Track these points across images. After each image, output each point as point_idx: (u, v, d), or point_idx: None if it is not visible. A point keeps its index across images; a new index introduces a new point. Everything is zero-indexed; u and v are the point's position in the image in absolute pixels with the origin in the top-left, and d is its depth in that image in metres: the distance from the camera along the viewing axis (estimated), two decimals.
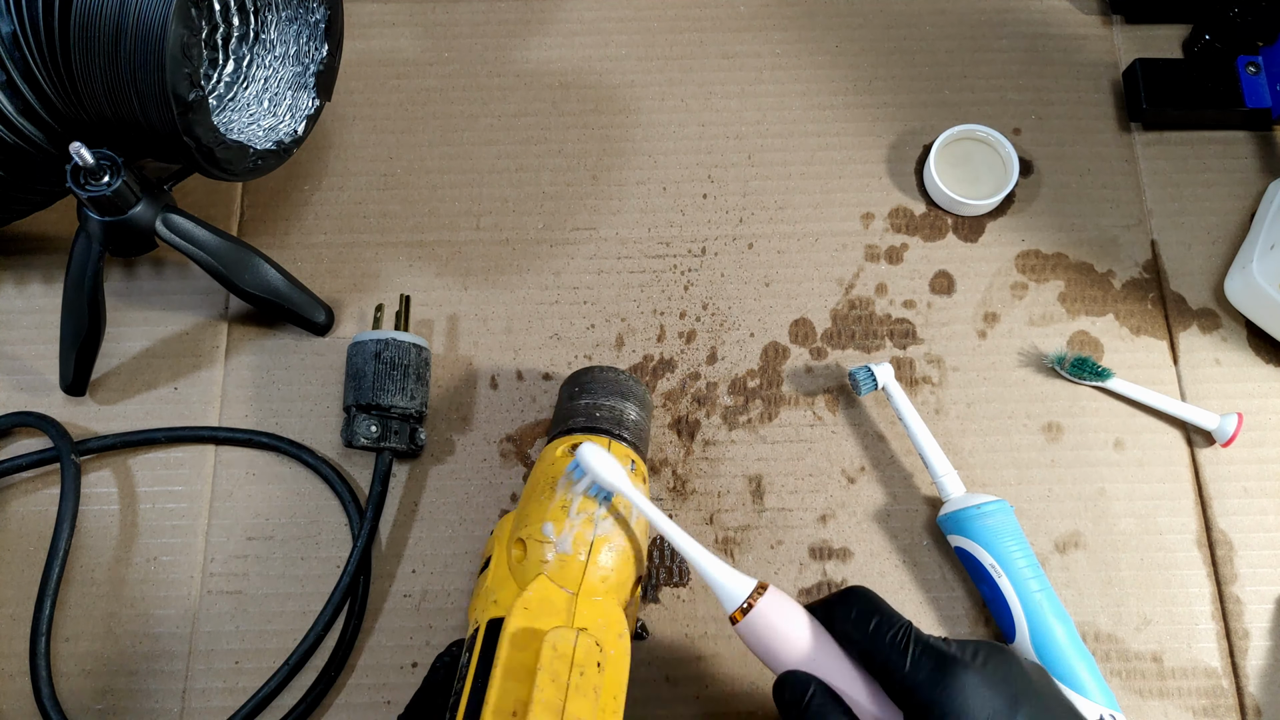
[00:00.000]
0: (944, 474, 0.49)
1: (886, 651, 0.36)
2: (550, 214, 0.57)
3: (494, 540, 0.44)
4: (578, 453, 0.41)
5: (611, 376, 0.47)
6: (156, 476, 0.52)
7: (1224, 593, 0.50)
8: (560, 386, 0.49)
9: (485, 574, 0.43)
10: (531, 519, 0.42)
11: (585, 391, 0.47)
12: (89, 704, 0.48)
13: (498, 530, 0.44)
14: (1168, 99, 0.57)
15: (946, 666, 0.35)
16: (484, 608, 0.40)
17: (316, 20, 0.51)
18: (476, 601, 0.42)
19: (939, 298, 0.55)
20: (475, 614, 0.41)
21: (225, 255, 0.50)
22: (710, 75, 0.60)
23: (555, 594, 0.40)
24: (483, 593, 0.42)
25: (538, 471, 0.44)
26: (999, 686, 0.35)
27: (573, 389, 0.47)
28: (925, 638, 0.36)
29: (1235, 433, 0.51)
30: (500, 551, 0.43)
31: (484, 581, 0.42)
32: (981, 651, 0.36)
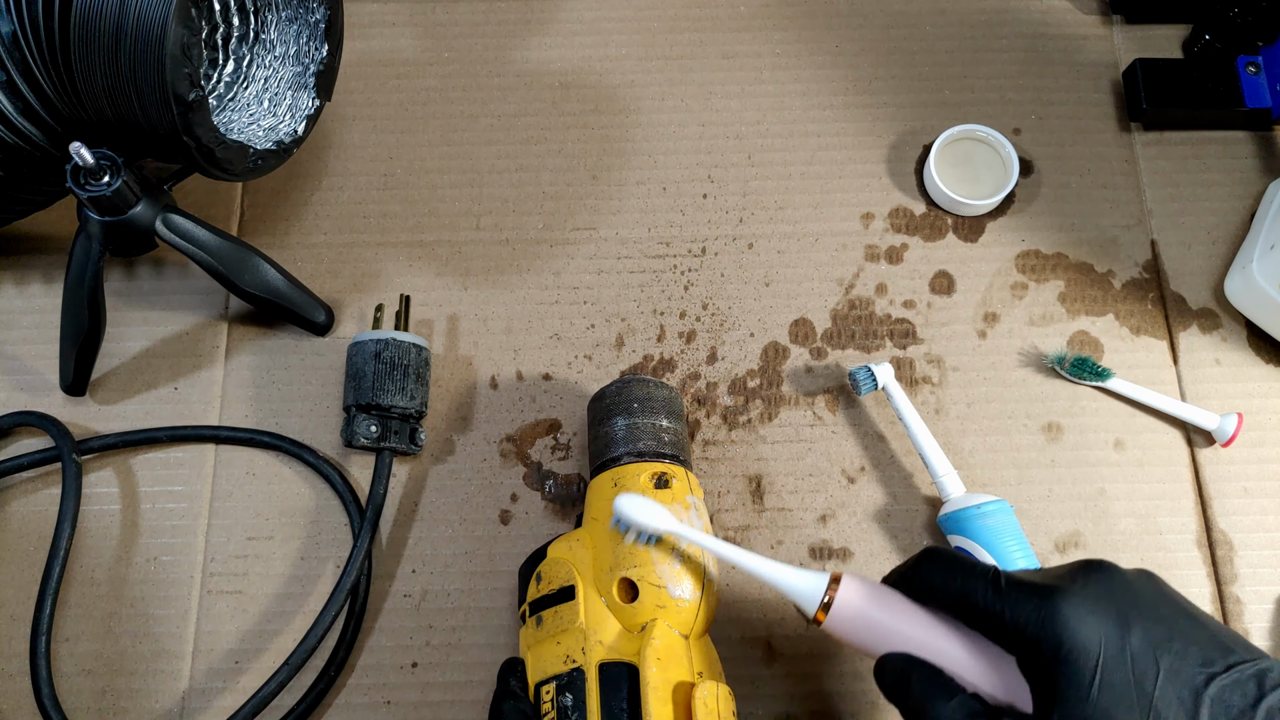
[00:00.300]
0: (944, 474, 0.49)
1: (981, 599, 0.35)
2: (550, 214, 0.57)
3: (566, 566, 0.42)
4: (615, 508, 0.40)
5: (640, 393, 0.46)
6: (157, 476, 0.52)
7: (1224, 593, 0.50)
8: (587, 408, 0.48)
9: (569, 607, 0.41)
10: (640, 560, 0.41)
11: (616, 413, 0.46)
12: (89, 704, 0.48)
13: (568, 556, 0.43)
14: (1168, 99, 0.57)
15: (1046, 598, 0.33)
16: (584, 646, 0.40)
17: (316, 20, 0.51)
18: (564, 637, 0.41)
19: (939, 298, 0.55)
20: (564, 648, 0.40)
21: (225, 255, 0.50)
22: (710, 75, 0.60)
23: (674, 640, 0.40)
24: (574, 630, 0.40)
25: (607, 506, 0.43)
26: (1105, 607, 0.33)
27: (600, 412, 0.47)
28: (1017, 576, 0.35)
29: (1235, 433, 0.51)
30: (589, 587, 0.42)
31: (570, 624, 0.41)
32: (1079, 574, 0.34)
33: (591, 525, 0.44)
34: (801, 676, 0.49)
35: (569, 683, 0.39)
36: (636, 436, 0.45)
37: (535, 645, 0.42)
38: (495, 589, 0.50)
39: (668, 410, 0.47)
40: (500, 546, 0.51)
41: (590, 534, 0.43)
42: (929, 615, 0.37)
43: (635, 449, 0.45)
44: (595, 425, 0.47)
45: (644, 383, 0.47)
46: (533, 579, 0.43)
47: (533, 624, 0.42)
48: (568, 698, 0.39)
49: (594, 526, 0.43)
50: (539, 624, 0.42)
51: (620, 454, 0.45)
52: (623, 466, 0.44)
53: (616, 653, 0.40)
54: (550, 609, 0.42)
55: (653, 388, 0.47)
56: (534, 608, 0.43)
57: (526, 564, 0.45)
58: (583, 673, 0.39)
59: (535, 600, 0.43)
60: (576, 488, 0.52)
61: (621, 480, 0.43)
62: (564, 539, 0.44)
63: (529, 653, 0.42)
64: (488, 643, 0.50)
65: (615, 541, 0.42)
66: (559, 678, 0.39)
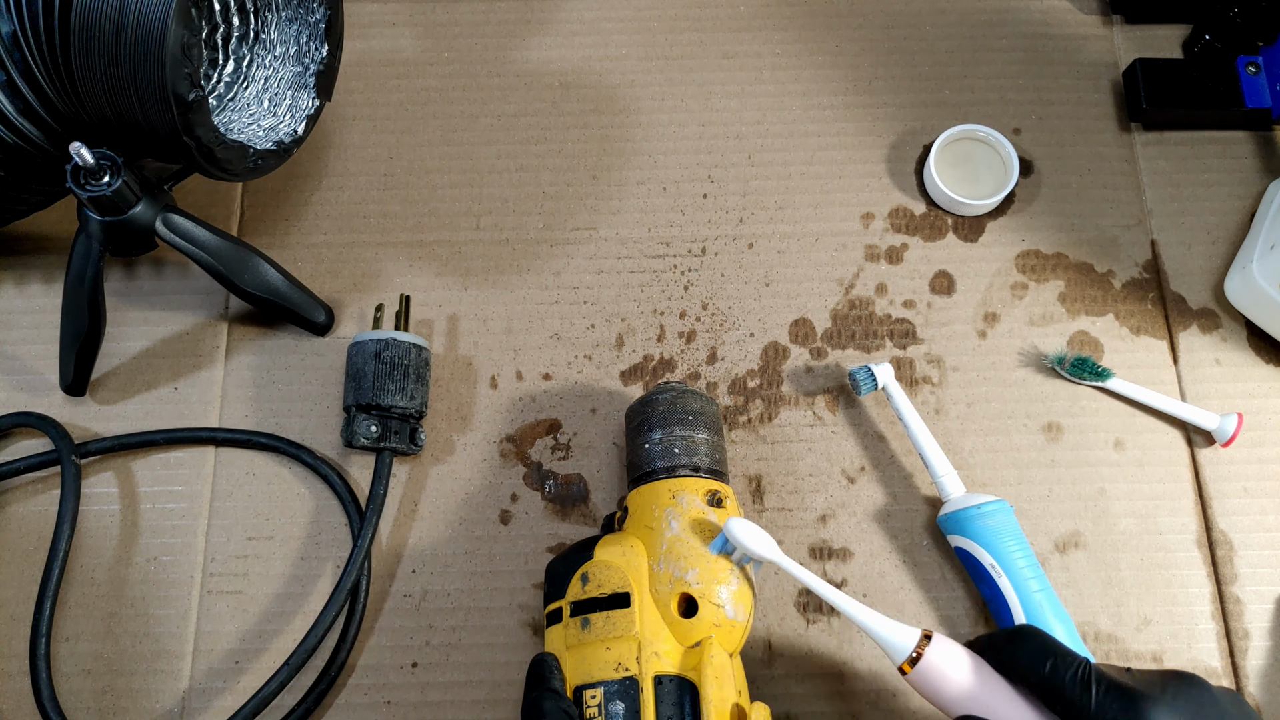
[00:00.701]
0: (944, 474, 0.49)
1: (1069, 690, 0.35)
2: (550, 214, 0.57)
3: (620, 572, 0.42)
4: (727, 529, 0.40)
5: (695, 406, 0.47)
6: (156, 477, 0.52)
7: (1224, 593, 0.50)
8: (635, 410, 0.48)
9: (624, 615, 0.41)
10: (703, 577, 0.41)
11: (673, 423, 0.46)
12: (89, 704, 0.48)
13: (620, 561, 0.42)
14: (1168, 99, 0.57)
15: (1135, 703, 0.34)
16: (638, 656, 0.40)
17: (316, 20, 0.51)
18: (615, 644, 0.40)
19: (939, 298, 0.55)
20: (616, 655, 0.40)
21: (225, 255, 0.50)
22: (710, 75, 0.60)
23: (725, 660, 0.40)
24: (628, 638, 0.40)
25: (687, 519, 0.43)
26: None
27: (654, 418, 0.46)
28: (1108, 674, 0.36)
29: (1235, 433, 0.51)
30: (646, 595, 0.41)
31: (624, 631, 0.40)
32: (1170, 685, 0.35)
33: (646, 534, 0.43)
34: (801, 676, 0.49)
35: (621, 691, 0.39)
36: (694, 450, 0.45)
37: (579, 647, 0.41)
38: (495, 589, 0.50)
39: (717, 427, 0.47)
40: (500, 546, 0.51)
41: (644, 542, 0.43)
42: (1011, 690, 0.38)
43: (692, 463, 0.45)
44: (647, 430, 0.46)
45: (697, 396, 0.47)
46: (576, 578, 0.42)
47: (575, 625, 0.41)
48: (619, 706, 0.39)
49: (648, 535, 0.43)
50: (585, 626, 0.41)
51: (677, 465, 0.45)
52: (681, 479, 0.44)
53: (671, 666, 0.40)
54: (600, 613, 0.41)
55: (705, 402, 0.47)
56: (579, 608, 0.42)
57: (561, 561, 0.44)
58: (636, 682, 0.39)
59: (582, 601, 0.42)
60: (576, 487, 0.52)
61: (679, 493, 0.43)
62: (612, 542, 0.43)
63: (568, 654, 0.41)
64: (488, 643, 0.50)
65: (677, 554, 0.42)
66: (608, 684, 0.39)
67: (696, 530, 0.42)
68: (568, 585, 0.43)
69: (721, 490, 0.44)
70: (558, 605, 0.43)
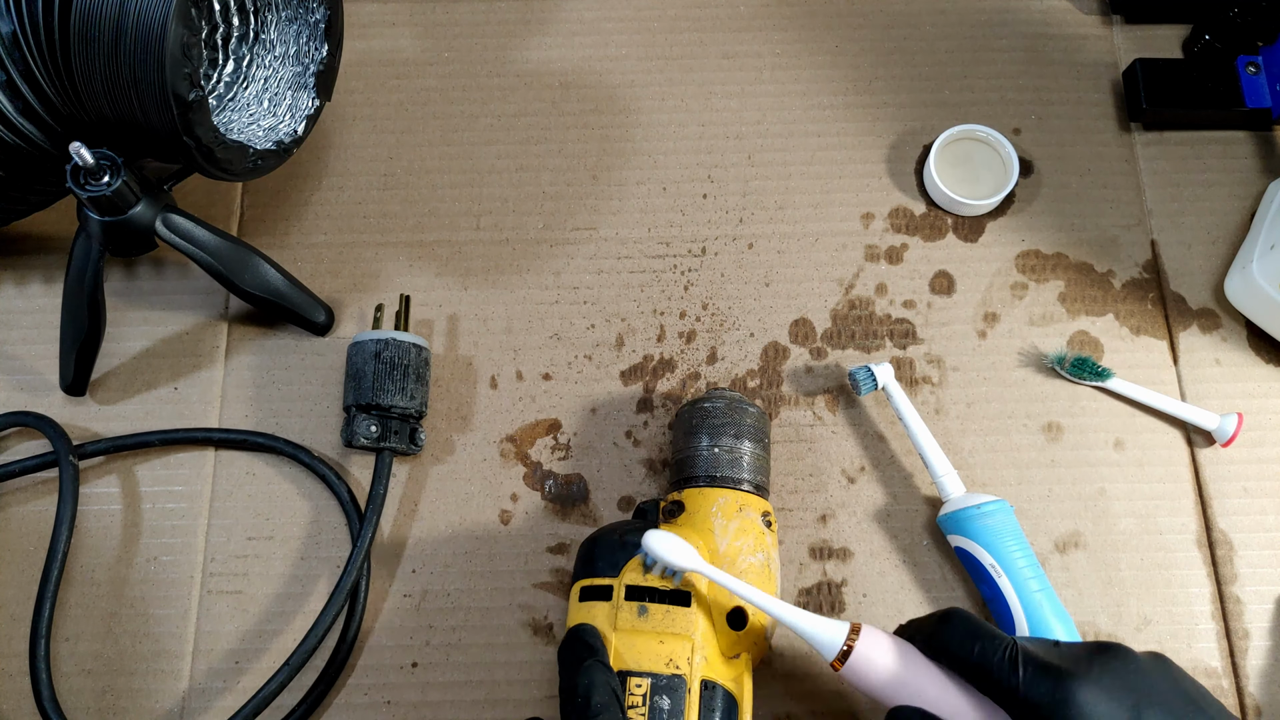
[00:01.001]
0: (944, 474, 0.49)
1: (997, 671, 0.36)
2: (550, 214, 0.57)
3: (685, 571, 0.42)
4: (645, 543, 0.41)
5: (764, 425, 0.48)
6: (156, 477, 0.52)
7: (1224, 593, 0.50)
8: (684, 413, 0.48)
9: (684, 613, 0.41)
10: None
11: (746, 436, 0.47)
12: (89, 704, 0.48)
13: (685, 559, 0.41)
14: (1168, 99, 0.57)
15: (1062, 681, 0.34)
16: (690, 657, 0.40)
17: (316, 20, 0.51)
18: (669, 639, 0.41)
19: (939, 298, 0.55)
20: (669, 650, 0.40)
21: (225, 255, 0.50)
22: (710, 75, 0.60)
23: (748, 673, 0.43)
24: (684, 637, 0.41)
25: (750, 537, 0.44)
26: (1119, 694, 0.34)
27: (727, 426, 0.47)
28: (1035, 653, 0.36)
29: (1235, 433, 0.51)
30: (705, 598, 0.42)
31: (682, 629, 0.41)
32: (1097, 660, 0.35)
33: (708, 538, 0.44)
34: (801, 676, 0.49)
35: (668, 687, 0.40)
36: (760, 468, 0.47)
37: (630, 633, 0.41)
38: (495, 589, 0.50)
39: (769, 446, 0.49)
40: (500, 546, 0.51)
41: (707, 545, 0.43)
42: (943, 674, 0.38)
43: (755, 480, 0.46)
44: (723, 435, 0.47)
45: (762, 415, 0.48)
46: (638, 560, 0.42)
47: (630, 609, 0.41)
48: (665, 700, 0.40)
49: (710, 539, 0.44)
50: (641, 614, 0.41)
51: (742, 479, 0.46)
52: (746, 494, 0.45)
53: (715, 673, 0.41)
54: (660, 604, 0.42)
55: (766, 420, 0.49)
56: (638, 594, 0.42)
57: (614, 536, 0.44)
58: (684, 682, 0.40)
59: (642, 588, 0.42)
60: (576, 487, 0.52)
61: (745, 507, 0.45)
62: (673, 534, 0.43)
63: (616, 635, 0.41)
64: (488, 643, 0.50)
65: (737, 565, 0.43)
66: (656, 678, 0.40)
67: (758, 549, 0.44)
68: (623, 565, 0.43)
69: (771, 513, 0.46)
70: (606, 583, 0.42)
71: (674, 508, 0.46)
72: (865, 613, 0.50)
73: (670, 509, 0.46)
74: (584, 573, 0.44)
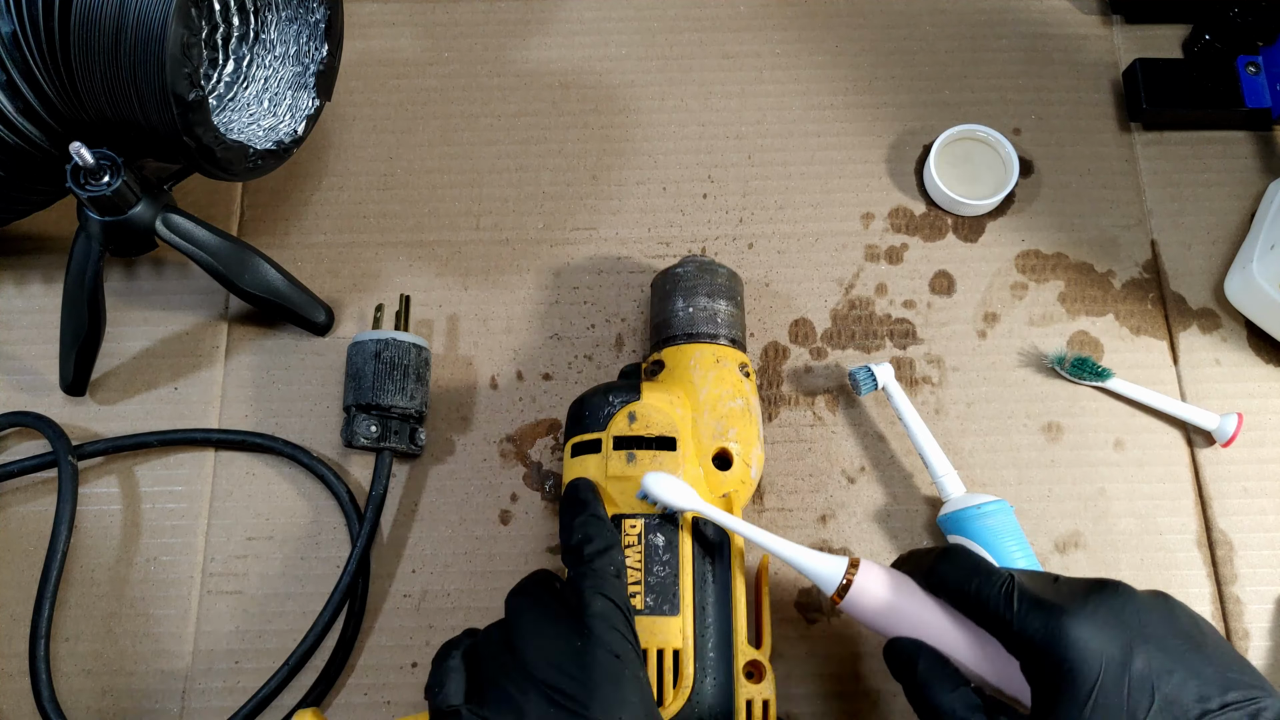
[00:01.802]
0: (944, 474, 0.49)
1: (993, 604, 0.36)
2: (550, 214, 0.57)
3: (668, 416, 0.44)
4: (644, 484, 0.42)
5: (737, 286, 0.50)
6: (156, 477, 0.52)
7: (1224, 593, 0.50)
8: (661, 281, 0.50)
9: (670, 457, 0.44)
10: (741, 437, 0.45)
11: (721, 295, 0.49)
12: (89, 704, 0.48)
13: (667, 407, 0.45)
14: (1168, 99, 0.57)
15: (1055, 615, 0.34)
16: None
17: (316, 20, 0.51)
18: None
19: (939, 298, 0.55)
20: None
21: (225, 255, 0.50)
22: (710, 75, 0.60)
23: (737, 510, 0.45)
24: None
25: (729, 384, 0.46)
26: (1112, 630, 0.34)
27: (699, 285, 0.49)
28: (1031, 588, 0.36)
29: (1235, 433, 0.51)
30: (689, 443, 0.44)
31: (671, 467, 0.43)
32: (1093, 595, 0.35)
33: (689, 388, 0.46)
34: (802, 676, 0.49)
35: (661, 525, 0.43)
36: (735, 324, 0.49)
37: (620, 479, 0.43)
38: (495, 589, 0.50)
39: (744, 304, 0.51)
40: (500, 546, 0.51)
41: (688, 396, 0.46)
42: (942, 607, 0.39)
43: (731, 334, 0.48)
44: (697, 295, 0.49)
45: (733, 275, 0.50)
46: (622, 415, 0.45)
47: (619, 457, 0.44)
48: (659, 538, 0.42)
49: (690, 389, 0.46)
50: (630, 460, 0.44)
51: (719, 333, 0.48)
52: (722, 347, 0.48)
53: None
54: (648, 451, 0.44)
55: (738, 281, 0.51)
56: (624, 443, 0.44)
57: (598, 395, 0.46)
58: (676, 520, 0.43)
59: (628, 437, 0.44)
60: None
61: (722, 359, 0.47)
62: (657, 390, 0.46)
63: (609, 483, 0.44)
64: None
65: (720, 413, 0.45)
66: (649, 518, 0.43)
67: (737, 395, 0.46)
68: (609, 419, 0.45)
69: (748, 364, 0.48)
70: (595, 437, 0.45)
71: (655, 366, 0.48)
72: None
73: (651, 368, 0.48)
74: (574, 430, 0.46)
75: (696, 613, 0.42)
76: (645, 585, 0.42)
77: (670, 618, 0.41)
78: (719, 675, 0.41)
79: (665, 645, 0.41)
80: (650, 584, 0.42)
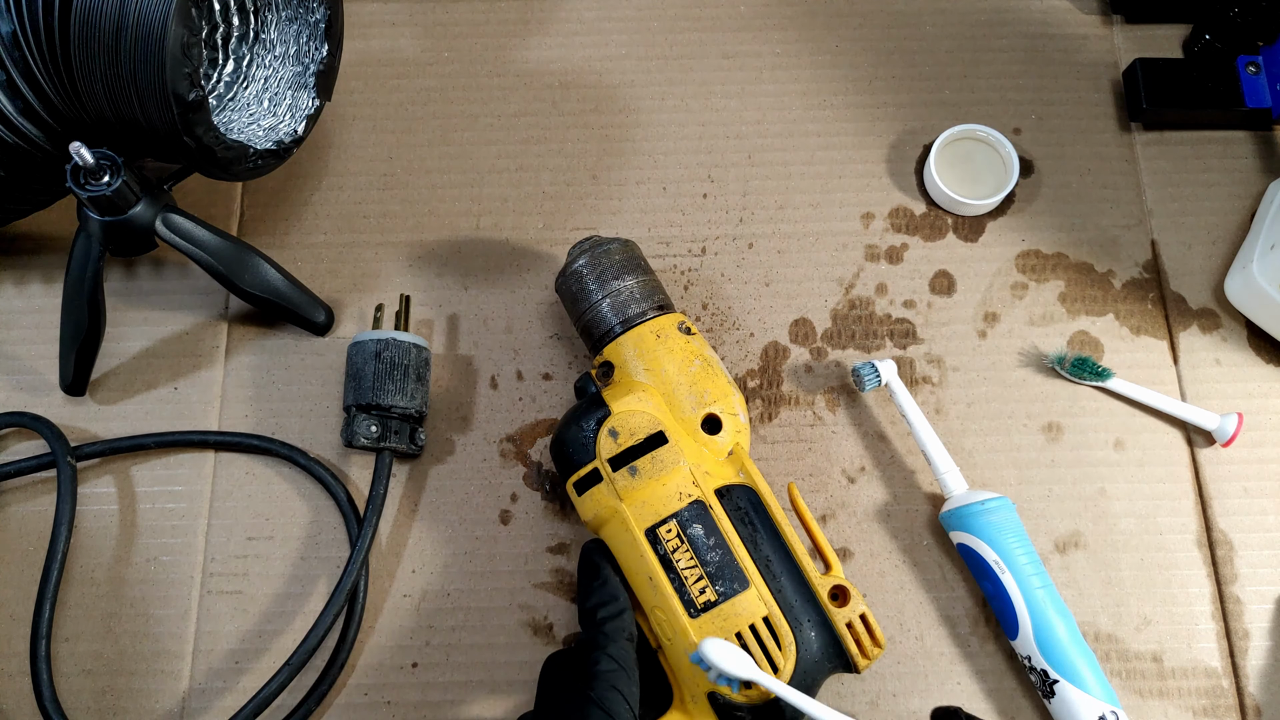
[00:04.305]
0: (946, 471, 0.49)
1: None
2: (550, 214, 0.57)
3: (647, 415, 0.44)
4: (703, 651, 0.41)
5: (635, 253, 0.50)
6: (156, 477, 0.52)
7: (1224, 593, 0.50)
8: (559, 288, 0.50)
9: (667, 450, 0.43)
10: (716, 395, 0.45)
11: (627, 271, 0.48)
12: (89, 704, 0.48)
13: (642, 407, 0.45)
14: (1168, 99, 0.57)
15: None
16: (695, 480, 0.43)
17: (316, 20, 0.51)
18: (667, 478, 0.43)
19: (939, 298, 0.55)
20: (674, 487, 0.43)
21: (225, 255, 0.50)
22: (710, 75, 0.60)
23: (747, 459, 0.45)
24: (678, 469, 0.43)
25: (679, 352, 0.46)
26: None
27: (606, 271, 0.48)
28: None
29: (1235, 433, 0.51)
30: (677, 427, 0.45)
31: (673, 465, 0.43)
32: None
33: (651, 376, 0.46)
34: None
35: (693, 515, 0.43)
36: (651, 291, 0.49)
37: (632, 494, 0.43)
38: (495, 589, 0.50)
39: (648, 267, 0.50)
40: (500, 546, 0.51)
41: (652, 382, 0.46)
42: None
43: (655, 303, 0.48)
44: (601, 284, 0.48)
45: (625, 243, 0.50)
46: (603, 436, 0.44)
47: (623, 475, 0.44)
48: (697, 528, 0.43)
49: (653, 377, 0.46)
50: (633, 474, 0.44)
51: (645, 310, 0.48)
52: (656, 319, 0.47)
53: (723, 479, 0.44)
54: (644, 457, 0.44)
55: (630, 247, 0.50)
56: (619, 461, 0.44)
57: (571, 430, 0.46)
58: (703, 503, 0.43)
59: (620, 454, 0.44)
60: None
61: (661, 332, 0.47)
62: (621, 394, 0.45)
63: (624, 504, 0.43)
64: (488, 643, 0.50)
65: (689, 383, 0.45)
66: (679, 514, 0.43)
67: (693, 358, 0.46)
68: (594, 446, 0.45)
69: (685, 320, 0.48)
70: (590, 468, 0.45)
71: (605, 369, 0.48)
72: None
73: (602, 371, 0.48)
74: (567, 470, 0.46)
75: (765, 576, 0.42)
76: (707, 576, 0.42)
77: (744, 593, 0.42)
78: (813, 615, 0.42)
79: (754, 619, 0.41)
80: (710, 572, 0.42)
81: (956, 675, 0.49)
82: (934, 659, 0.49)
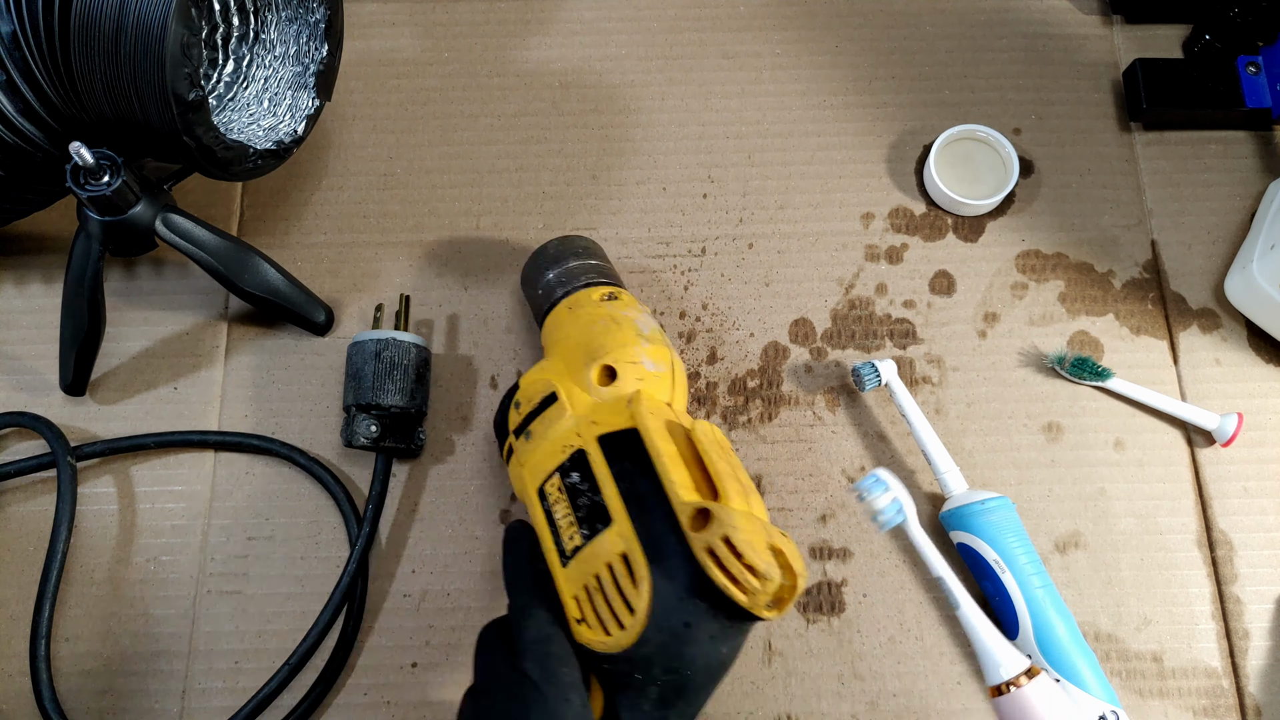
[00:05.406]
0: (946, 470, 0.49)
1: None
2: (550, 214, 0.57)
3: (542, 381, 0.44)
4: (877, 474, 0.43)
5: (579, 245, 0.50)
6: (156, 477, 0.52)
7: (1224, 593, 0.50)
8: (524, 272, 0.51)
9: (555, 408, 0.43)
10: (611, 348, 0.44)
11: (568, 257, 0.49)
12: (89, 704, 0.48)
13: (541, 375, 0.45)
14: (1168, 99, 0.57)
15: None
16: (578, 430, 0.41)
17: (316, 20, 0.51)
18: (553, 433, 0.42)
19: (939, 298, 0.55)
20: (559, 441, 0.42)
21: (225, 255, 0.50)
22: (710, 75, 0.60)
23: (659, 401, 0.43)
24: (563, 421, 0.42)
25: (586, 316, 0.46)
26: None
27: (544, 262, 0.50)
28: None
29: (1235, 433, 0.51)
30: (574, 387, 0.44)
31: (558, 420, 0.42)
32: None
33: (555, 348, 0.46)
34: (801, 676, 0.49)
35: (572, 464, 0.41)
36: (582, 272, 0.49)
37: (529, 458, 0.43)
38: (495, 589, 0.50)
39: (598, 254, 0.51)
40: (500, 547, 0.51)
41: (559, 354, 0.46)
42: None
43: (585, 281, 0.48)
44: (541, 273, 0.49)
45: (571, 239, 0.51)
46: (510, 408, 0.45)
47: (522, 442, 0.43)
48: (574, 477, 0.40)
49: (558, 349, 0.46)
50: (529, 438, 0.43)
51: (573, 286, 0.48)
52: (578, 293, 0.48)
53: (611, 427, 0.41)
54: (536, 419, 0.43)
55: (580, 240, 0.51)
56: (521, 429, 0.44)
57: (498, 416, 0.47)
58: (583, 451, 0.41)
59: (521, 422, 0.44)
60: None
61: (575, 305, 0.47)
62: (530, 372, 0.46)
63: (524, 470, 0.43)
64: None
65: (585, 341, 0.44)
66: (560, 467, 0.41)
67: (599, 319, 0.45)
68: (508, 425, 0.45)
69: (616, 290, 0.48)
70: (507, 445, 0.45)
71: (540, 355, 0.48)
72: (865, 613, 0.50)
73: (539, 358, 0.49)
74: (501, 445, 0.46)
75: (633, 512, 0.38)
76: (578, 522, 0.39)
77: (605, 532, 0.38)
78: (677, 546, 0.37)
79: (610, 557, 0.38)
80: (580, 518, 0.39)
81: (957, 675, 0.49)
82: (934, 659, 0.49)
